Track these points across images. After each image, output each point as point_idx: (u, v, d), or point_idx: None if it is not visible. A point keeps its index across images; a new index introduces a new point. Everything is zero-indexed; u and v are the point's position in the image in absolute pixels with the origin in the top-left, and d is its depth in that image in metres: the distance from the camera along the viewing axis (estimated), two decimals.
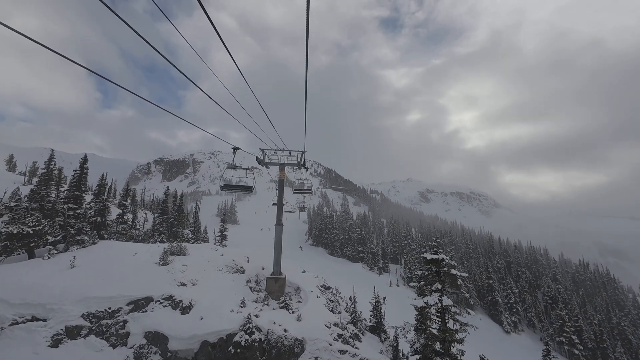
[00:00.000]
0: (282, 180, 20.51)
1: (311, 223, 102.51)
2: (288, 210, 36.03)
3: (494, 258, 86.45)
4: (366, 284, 51.60)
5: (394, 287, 53.61)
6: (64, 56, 3.45)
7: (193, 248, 22.04)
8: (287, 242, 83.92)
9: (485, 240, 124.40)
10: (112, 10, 3.28)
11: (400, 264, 74.17)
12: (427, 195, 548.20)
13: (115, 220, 30.14)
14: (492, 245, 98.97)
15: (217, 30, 3.67)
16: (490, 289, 52.06)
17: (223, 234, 38.10)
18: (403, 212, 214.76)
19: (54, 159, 31.61)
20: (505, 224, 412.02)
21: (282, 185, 20.48)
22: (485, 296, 54.36)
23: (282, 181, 20.49)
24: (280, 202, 20.46)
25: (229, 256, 22.30)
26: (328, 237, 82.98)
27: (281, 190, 20.45)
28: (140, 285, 15.11)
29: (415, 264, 57.72)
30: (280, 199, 20.45)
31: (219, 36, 3.68)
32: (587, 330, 47.75)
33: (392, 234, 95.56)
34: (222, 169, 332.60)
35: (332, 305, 20.09)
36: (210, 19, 3.43)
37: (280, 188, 20.46)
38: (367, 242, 71.65)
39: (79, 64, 3.69)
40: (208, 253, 21.66)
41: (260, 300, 18.03)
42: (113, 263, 16.80)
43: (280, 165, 20.31)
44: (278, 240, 19.94)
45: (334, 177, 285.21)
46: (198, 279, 17.58)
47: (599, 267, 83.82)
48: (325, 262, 62.64)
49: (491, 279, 52.89)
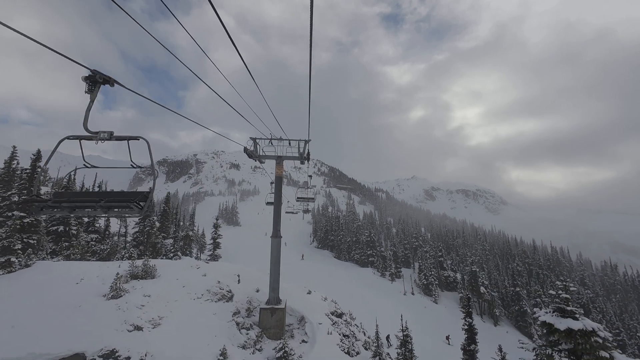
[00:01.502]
0: (279, 179, 15.54)
1: (316, 224, 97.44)
2: (290, 212, 31.29)
3: (512, 260, 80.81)
4: (379, 293, 46.52)
5: (409, 296, 48.43)
6: (67, 57, 3.28)
7: (167, 266, 17.14)
8: (291, 245, 79.04)
9: (499, 240, 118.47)
10: (121, 7, 3.32)
11: (412, 267, 68.91)
12: (432, 193, 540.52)
13: (86, 229, 25.47)
14: (509, 245, 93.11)
15: (224, 26, 3.57)
16: (517, 297, 46.62)
17: (216, 241, 32.91)
18: (410, 211, 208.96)
19: (16, 156, 27.02)
20: (513, 222, 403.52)
21: (279, 184, 15.50)
22: (510, 305, 48.99)
23: (279, 179, 15.52)
24: (278, 205, 15.47)
25: (213, 275, 17.39)
26: (334, 240, 77.94)
27: (279, 191, 15.46)
28: (68, 335, 10.22)
29: (431, 270, 52.42)
30: (278, 202, 15.47)
31: (227, 32, 3.70)
32: (630, 345, 42.24)
33: (402, 235, 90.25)
34: (224, 169, 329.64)
35: (347, 343, 15.06)
36: (218, 15, 3.38)
37: (278, 188, 15.48)
38: (377, 245, 66.51)
39: (81, 65, 3.43)
40: (186, 273, 16.75)
41: (250, 344, 13.05)
42: (41, 297, 11.95)
43: (277, 159, 15.36)
44: (275, 258, 14.94)
45: (338, 175, 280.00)
46: (164, 315, 12.67)
47: (626, 268, 77.67)
48: (332, 268, 57.63)
49: (517, 286, 47.43)
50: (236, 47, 3.93)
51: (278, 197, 15.42)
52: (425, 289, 51.42)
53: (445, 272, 55.58)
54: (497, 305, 46.46)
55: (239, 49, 4.87)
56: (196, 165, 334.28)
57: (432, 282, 50.67)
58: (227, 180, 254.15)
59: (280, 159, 15.38)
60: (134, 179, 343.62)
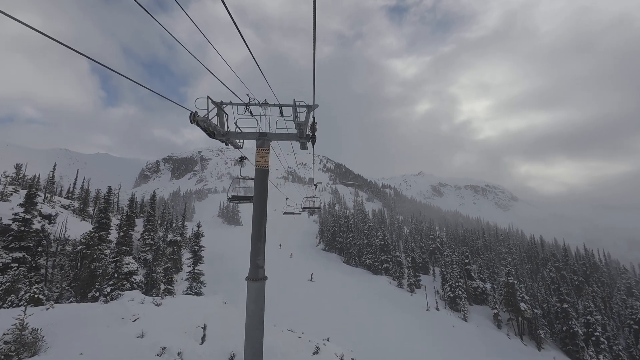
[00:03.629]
0: (263, 174, 8.28)
1: (322, 224, 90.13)
2: (289, 212, 24.61)
3: (542, 265, 72.62)
4: (398, 309, 39.13)
5: (433, 312, 41.08)
6: (73, 49, 3.26)
7: (74, 323, 10.08)
8: (293, 247, 72.04)
9: (520, 240, 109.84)
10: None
11: (430, 273, 61.44)
12: (439, 189, 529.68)
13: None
14: (534, 247, 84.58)
15: (232, 17, 3.50)
16: (565, 315, 38.86)
17: (197, 254, 25.31)
18: (420, 208, 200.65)
19: None
20: (524, 218, 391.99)
21: (263, 181, 8.25)
22: (553, 322, 41.32)
23: (263, 175, 8.26)
24: (259, 220, 8.18)
25: (157, 333, 10.27)
26: (343, 242, 70.78)
27: (261, 193, 8.21)
28: None
29: (457, 280, 44.89)
30: (259, 214, 8.18)
31: (234, 23, 3.65)
32: None
33: (415, 235, 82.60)
34: (229, 166, 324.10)
35: None
36: (226, 6, 3.27)
37: (260, 188, 8.22)
38: (392, 249, 59.18)
39: (87, 57, 3.41)
40: (105, 336, 9.68)
41: None
42: None
43: (258, 140, 8.21)
44: (254, 321, 7.69)
45: (344, 172, 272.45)
46: None
47: None
48: (342, 276, 50.47)
49: (565, 301, 39.62)
50: (243, 37, 3.76)
51: (260, 204, 8.14)
52: (451, 302, 43.99)
53: (474, 282, 48.01)
54: (541, 325, 38.81)
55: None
56: (201, 162, 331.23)
57: (459, 295, 43.24)
58: (231, 177, 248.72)
59: (264, 140, 8.16)
60: (140, 176, 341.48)
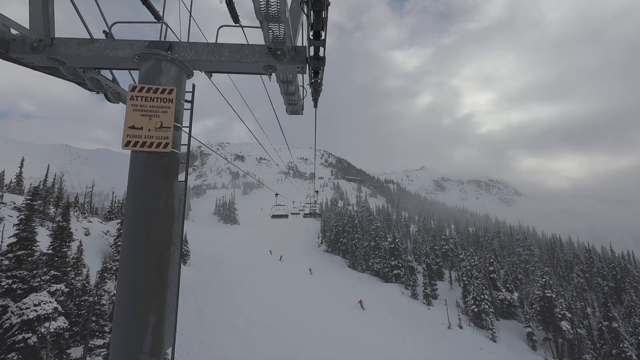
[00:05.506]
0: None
1: (324, 222, 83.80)
2: (278, 214, 19.26)
3: (569, 268, 66.13)
4: (415, 327, 33.12)
5: (456, 330, 35.01)
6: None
7: None
8: (295, 247, 66.13)
9: (534, 237, 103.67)
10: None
11: (446, 279, 55.35)
12: (442, 184, 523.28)
13: None
14: (552, 247, 78.33)
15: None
16: (615, 335, 32.76)
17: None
18: (425, 204, 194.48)
19: None
20: (528, 213, 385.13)
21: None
22: (595, 342, 35.27)
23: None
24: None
25: None
26: (348, 243, 64.73)
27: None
28: None
29: (483, 292, 38.77)
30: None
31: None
32: None
33: (424, 234, 76.44)
34: (229, 162, 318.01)
35: None
36: None
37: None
38: (403, 253, 53.10)
39: None
40: None
41: None
42: None
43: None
44: None
45: (346, 167, 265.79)
46: None
47: None
48: (348, 283, 44.41)
49: (613, 320, 33.49)
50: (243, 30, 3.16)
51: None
52: (475, 317, 37.93)
53: (500, 292, 41.91)
54: (586, 348, 32.76)
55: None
56: (201, 158, 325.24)
57: (485, 310, 37.21)
58: (230, 173, 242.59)
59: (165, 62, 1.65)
60: None
